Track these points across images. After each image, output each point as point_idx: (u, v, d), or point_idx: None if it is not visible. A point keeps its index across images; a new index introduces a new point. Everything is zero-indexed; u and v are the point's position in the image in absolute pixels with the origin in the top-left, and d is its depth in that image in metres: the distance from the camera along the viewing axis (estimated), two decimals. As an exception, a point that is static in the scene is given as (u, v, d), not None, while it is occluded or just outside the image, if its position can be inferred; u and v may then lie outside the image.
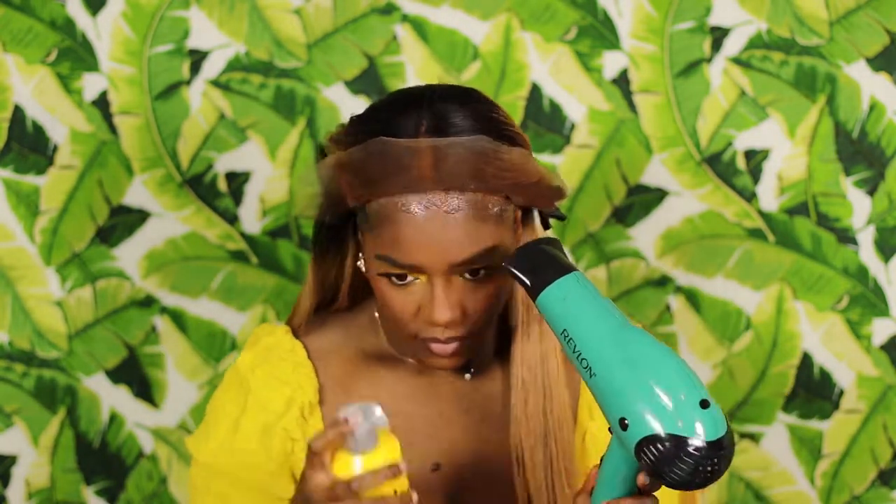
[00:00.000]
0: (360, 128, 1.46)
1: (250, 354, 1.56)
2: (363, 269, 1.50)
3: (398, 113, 1.45)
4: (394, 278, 1.44)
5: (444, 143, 1.41)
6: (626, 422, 1.29)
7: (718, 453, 1.27)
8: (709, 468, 1.27)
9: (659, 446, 1.27)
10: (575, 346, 1.34)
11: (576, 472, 1.54)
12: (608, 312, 1.34)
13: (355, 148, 1.43)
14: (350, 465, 1.36)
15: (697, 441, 1.27)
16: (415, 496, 1.37)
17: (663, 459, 1.27)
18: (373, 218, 1.43)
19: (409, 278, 1.44)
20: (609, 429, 1.33)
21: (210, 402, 1.60)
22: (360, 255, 1.50)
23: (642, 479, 1.32)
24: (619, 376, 1.30)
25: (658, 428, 1.27)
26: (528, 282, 1.37)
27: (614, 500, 1.35)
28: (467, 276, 1.44)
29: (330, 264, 1.56)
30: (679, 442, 1.27)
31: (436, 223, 1.41)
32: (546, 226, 1.53)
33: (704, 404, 1.28)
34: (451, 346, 1.47)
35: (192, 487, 1.58)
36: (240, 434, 1.54)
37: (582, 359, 1.33)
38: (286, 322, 1.60)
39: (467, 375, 1.56)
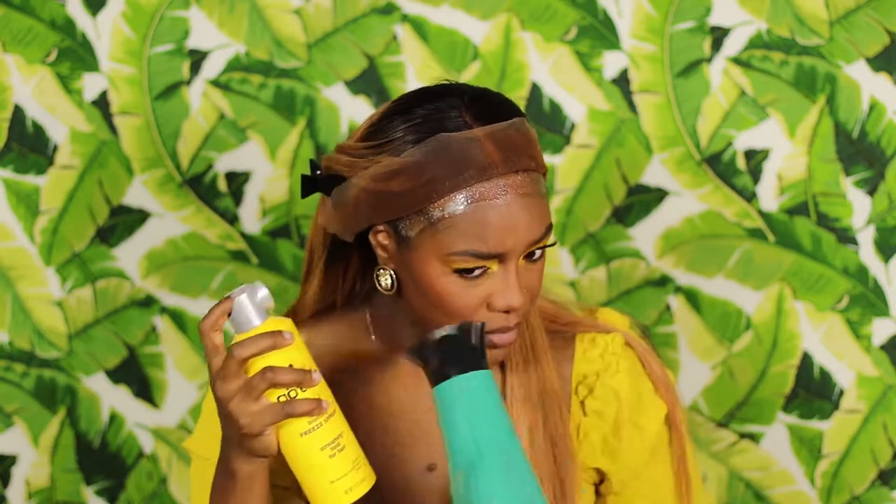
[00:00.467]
0: (405, 129, 1.44)
1: None
2: (385, 282, 1.48)
3: (434, 108, 1.44)
4: (466, 274, 1.43)
5: (498, 129, 1.42)
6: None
7: None
8: None
9: None
10: (448, 439, 1.36)
11: (573, 464, 1.54)
12: (492, 430, 1.36)
13: (415, 149, 1.41)
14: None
15: None
16: (317, 374, 1.34)
17: None
18: (441, 217, 1.42)
19: (479, 271, 1.43)
20: None
21: (204, 402, 1.60)
22: (384, 268, 1.48)
23: None
24: (457, 496, 1.33)
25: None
26: (427, 365, 1.38)
27: None
28: (537, 255, 1.45)
29: (338, 271, 1.55)
30: None
31: (517, 205, 1.42)
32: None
33: None
34: (512, 334, 1.46)
35: (192, 482, 1.58)
36: None
37: (449, 452, 1.36)
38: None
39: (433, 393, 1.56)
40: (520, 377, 1.53)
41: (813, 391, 2.24)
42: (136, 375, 2.26)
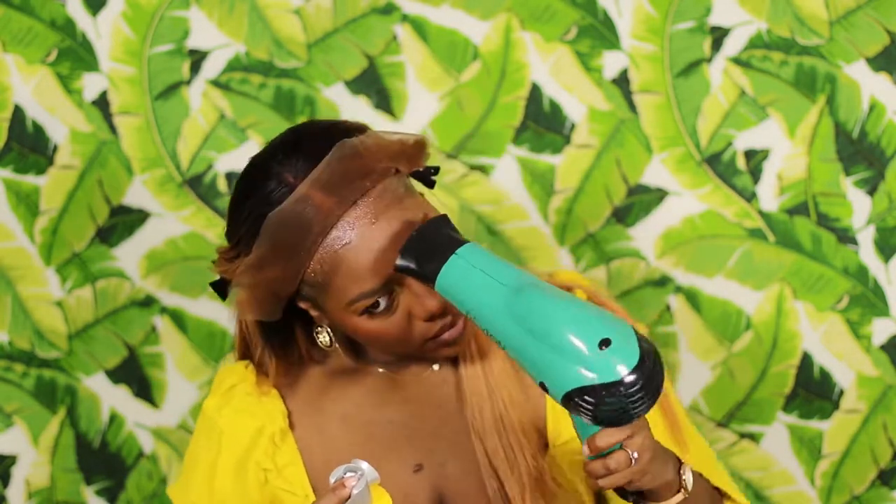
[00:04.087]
0: (244, 224, 1.45)
1: (215, 398, 1.59)
2: (323, 340, 1.51)
3: (261, 186, 1.44)
4: (374, 310, 1.44)
5: (321, 172, 1.41)
6: (546, 385, 1.32)
7: (639, 378, 1.28)
8: (635, 396, 1.29)
9: (578, 401, 1.30)
10: (481, 322, 1.36)
11: (532, 442, 1.54)
12: (499, 282, 1.35)
13: (256, 245, 1.42)
14: None
15: (610, 380, 1.28)
16: None
17: (590, 410, 1.30)
18: (320, 278, 1.43)
19: (383, 301, 1.44)
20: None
21: (186, 451, 1.62)
22: (319, 327, 1.51)
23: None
24: (523, 346, 1.32)
25: (568, 386, 1.29)
26: (421, 274, 1.39)
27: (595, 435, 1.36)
28: None
29: (289, 341, 1.57)
30: (592, 391, 1.29)
31: (371, 234, 1.42)
32: (430, 185, 1.52)
33: (603, 344, 1.29)
34: (456, 328, 1.47)
35: None
36: (217, 477, 1.56)
37: (490, 334, 1.36)
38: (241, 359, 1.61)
39: (435, 367, 1.57)
40: (474, 368, 1.54)
41: (813, 391, 2.24)
42: (136, 375, 2.26)
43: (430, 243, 1.39)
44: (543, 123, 2.20)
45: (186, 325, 2.25)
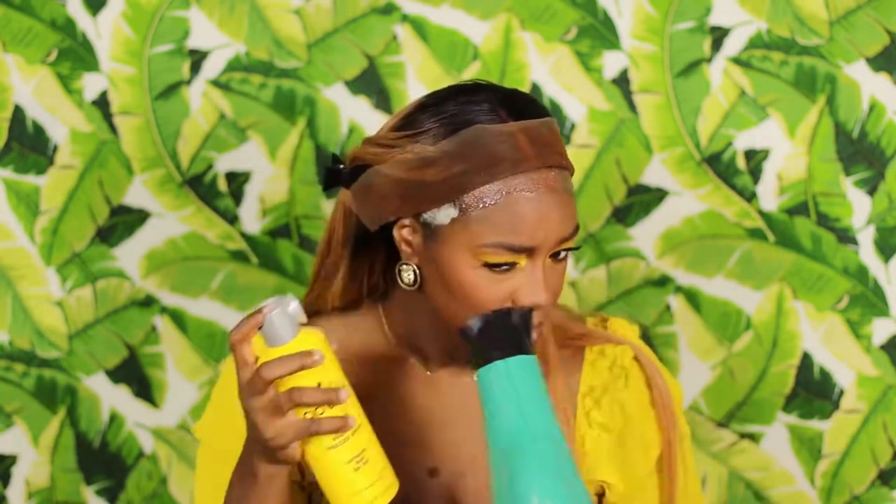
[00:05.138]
0: (440, 119, 1.44)
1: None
2: (407, 277, 1.47)
3: (468, 102, 1.44)
4: (494, 268, 1.42)
5: (531, 125, 1.43)
6: None
7: None
8: None
9: None
10: (486, 426, 1.35)
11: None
12: (527, 417, 1.35)
13: (450, 139, 1.42)
14: (268, 358, 1.34)
15: None
16: (344, 393, 1.34)
17: None
18: (472, 209, 1.41)
19: (507, 265, 1.42)
20: None
21: (217, 386, 1.58)
22: (406, 263, 1.47)
23: None
24: (499, 485, 1.33)
25: None
26: (477, 347, 1.38)
27: None
28: (562, 255, 1.44)
29: (364, 265, 1.54)
30: None
31: (548, 200, 1.41)
32: None
33: None
34: (537, 332, 1.45)
35: (198, 468, 1.58)
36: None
37: (487, 439, 1.35)
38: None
39: (475, 377, 1.55)
40: None
41: (813, 391, 2.24)
42: (136, 375, 2.26)
43: (508, 329, 1.38)
44: (543, 123, 2.20)
45: (186, 325, 2.25)
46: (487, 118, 1.43)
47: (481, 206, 1.41)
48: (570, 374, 1.55)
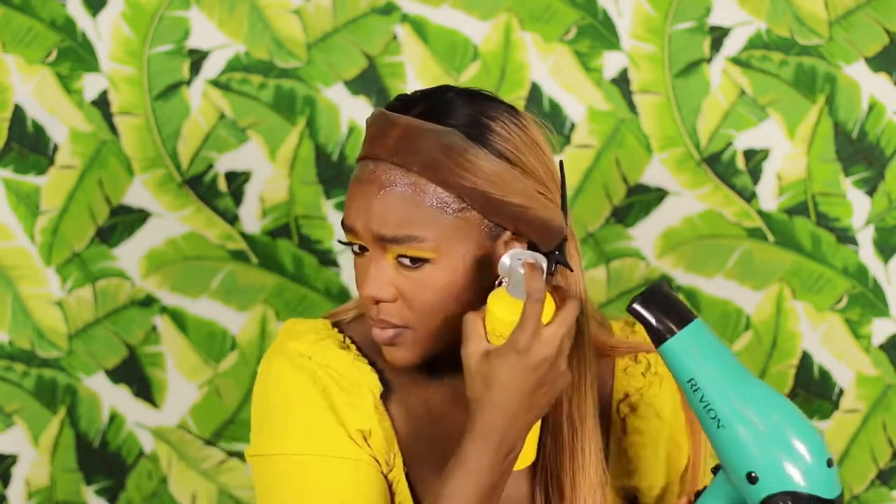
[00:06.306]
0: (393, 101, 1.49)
1: (302, 343, 1.50)
2: None
3: (418, 95, 1.46)
4: (354, 247, 1.44)
5: (416, 124, 1.41)
6: (755, 475, 1.32)
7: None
8: None
9: (786, 501, 1.31)
10: (702, 395, 1.35)
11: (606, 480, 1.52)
12: (733, 364, 1.36)
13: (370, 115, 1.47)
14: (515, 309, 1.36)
15: (821, 499, 1.31)
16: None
17: None
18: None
19: (356, 248, 1.43)
20: (713, 470, 1.36)
21: (269, 395, 1.49)
22: None
23: None
24: (750, 430, 1.33)
25: (792, 484, 1.31)
26: (654, 326, 1.36)
27: None
28: (406, 261, 1.41)
29: None
30: (803, 499, 1.31)
31: (371, 190, 1.41)
32: (567, 267, 1.47)
33: (830, 463, 1.32)
34: (388, 333, 1.43)
35: (308, 491, 1.46)
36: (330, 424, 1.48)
37: (710, 409, 1.34)
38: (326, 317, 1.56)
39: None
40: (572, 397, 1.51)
41: (812, 391, 2.24)
42: (136, 375, 2.26)
43: (668, 302, 1.37)
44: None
45: (186, 325, 2.25)
46: (404, 109, 1.44)
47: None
48: (601, 381, 1.54)
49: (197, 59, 2.21)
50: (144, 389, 2.26)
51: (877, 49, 2.18)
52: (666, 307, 1.36)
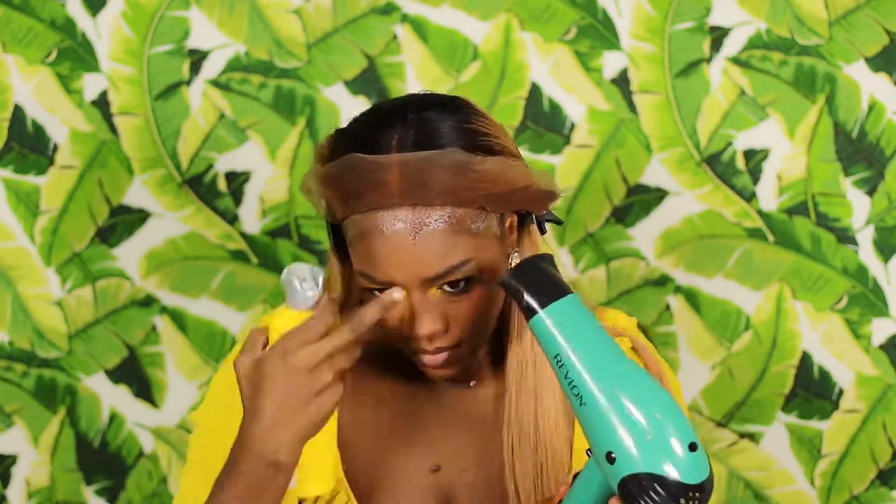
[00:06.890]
0: (339, 142, 1.44)
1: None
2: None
3: (374, 127, 1.43)
4: (376, 292, 1.43)
5: (412, 158, 1.39)
6: (614, 456, 1.28)
7: (698, 496, 1.28)
8: (693, 502, 1.28)
9: (644, 484, 1.27)
10: (567, 372, 1.31)
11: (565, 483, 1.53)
12: (604, 342, 1.33)
13: (331, 164, 1.42)
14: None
15: (682, 483, 1.27)
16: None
17: (646, 498, 1.27)
18: (351, 233, 1.43)
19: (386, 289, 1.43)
20: (587, 451, 1.33)
21: (217, 376, 1.57)
22: None
23: None
24: (610, 410, 1.29)
25: (645, 467, 1.27)
26: (524, 301, 1.34)
27: None
28: (447, 288, 1.42)
29: (345, 260, 1.55)
30: (664, 483, 1.27)
31: (404, 240, 1.39)
32: (542, 230, 1.52)
33: (693, 447, 1.29)
34: (441, 357, 1.45)
35: (189, 452, 1.55)
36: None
37: (573, 386, 1.31)
38: None
39: (472, 383, 1.55)
40: (523, 392, 1.52)
41: (812, 391, 2.24)
42: (136, 375, 2.26)
43: (541, 276, 1.35)
44: (543, 123, 2.20)
45: (186, 325, 2.25)
46: (379, 146, 1.41)
47: (350, 234, 1.43)
48: None
49: (197, 59, 2.21)
50: (144, 389, 2.26)
51: (877, 49, 2.18)
52: (538, 282, 1.34)
